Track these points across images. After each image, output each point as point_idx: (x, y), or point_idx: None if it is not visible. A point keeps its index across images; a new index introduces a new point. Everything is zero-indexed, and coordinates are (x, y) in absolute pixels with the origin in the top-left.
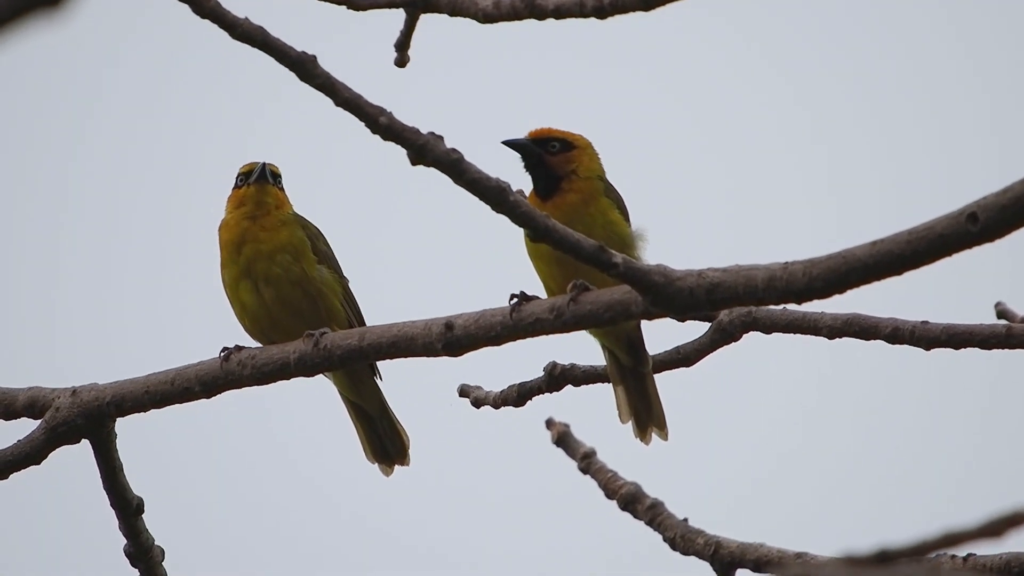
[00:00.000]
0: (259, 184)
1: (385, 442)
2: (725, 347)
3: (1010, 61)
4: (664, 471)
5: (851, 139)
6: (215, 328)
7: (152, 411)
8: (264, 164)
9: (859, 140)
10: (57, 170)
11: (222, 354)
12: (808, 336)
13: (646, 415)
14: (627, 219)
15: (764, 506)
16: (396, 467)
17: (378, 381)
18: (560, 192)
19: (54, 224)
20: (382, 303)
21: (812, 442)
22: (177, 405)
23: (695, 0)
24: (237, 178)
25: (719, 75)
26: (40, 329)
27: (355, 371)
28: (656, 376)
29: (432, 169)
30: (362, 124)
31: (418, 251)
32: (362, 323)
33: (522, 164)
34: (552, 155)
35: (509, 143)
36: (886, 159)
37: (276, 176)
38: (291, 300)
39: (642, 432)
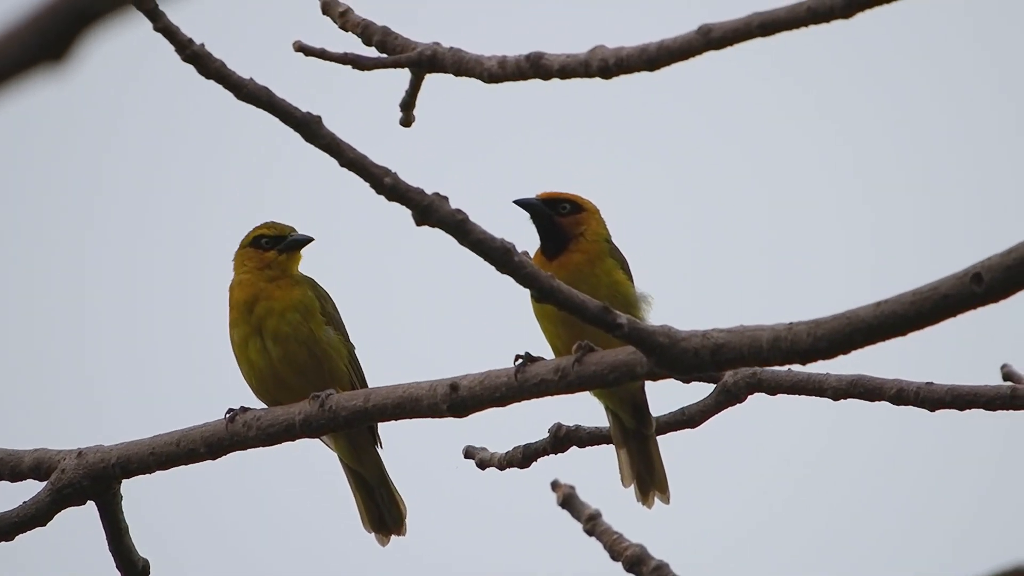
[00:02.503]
0: (290, 253)
1: (383, 511)
2: (730, 408)
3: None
4: (670, 532)
5: (854, 200)
6: (221, 390)
7: (158, 472)
8: (303, 236)
9: (862, 201)
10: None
11: (227, 416)
12: (813, 397)
13: (649, 478)
14: (631, 280)
15: (768, 568)
16: (392, 537)
17: (379, 449)
18: (567, 252)
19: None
20: (387, 364)
21: (817, 504)
22: (183, 467)
23: (699, 61)
24: (260, 239)
25: (722, 136)
26: (46, 391)
27: (356, 438)
28: (661, 437)
29: (437, 229)
30: (367, 184)
31: (423, 312)
32: (362, 380)
33: (532, 223)
34: (562, 216)
35: (520, 203)
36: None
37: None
38: (297, 359)
39: (644, 496)
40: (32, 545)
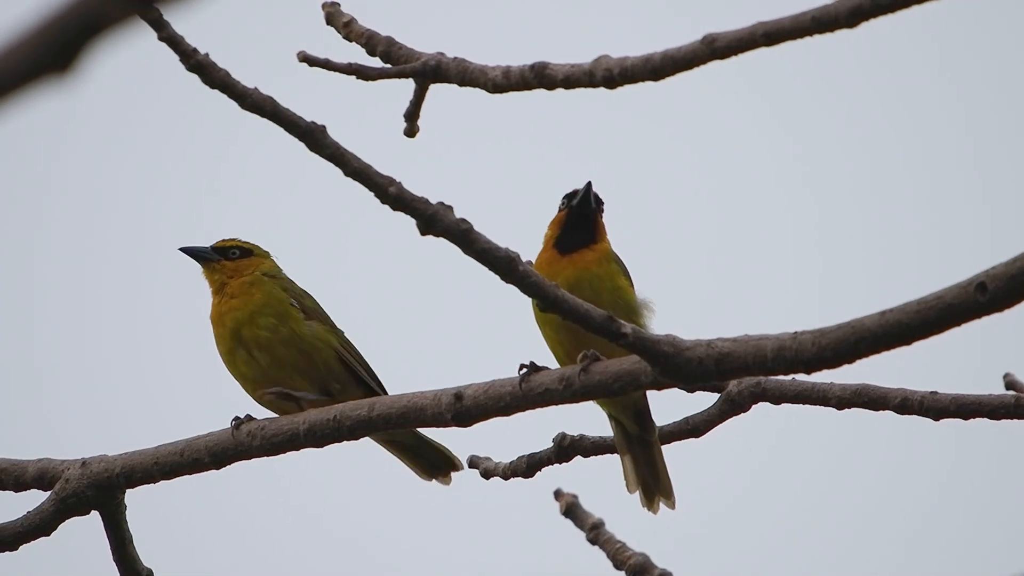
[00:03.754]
0: (203, 265)
1: (430, 459)
2: (734, 418)
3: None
4: (673, 542)
5: (861, 207)
6: (225, 399)
7: (162, 482)
8: (196, 248)
9: (869, 208)
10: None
11: (233, 423)
12: (817, 407)
13: (653, 484)
14: (632, 287)
15: None
16: (452, 475)
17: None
18: (582, 251)
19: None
20: (391, 373)
21: (821, 513)
22: (187, 476)
23: (705, 70)
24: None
25: (728, 145)
26: (50, 400)
27: None
28: (665, 447)
29: (442, 239)
30: (372, 194)
31: (427, 321)
32: (369, 371)
33: (572, 207)
34: (600, 216)
35: (582, 194)
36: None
37: (223, 250)
38: (287, 361)
39: (650, 501)
40: (36, 555)
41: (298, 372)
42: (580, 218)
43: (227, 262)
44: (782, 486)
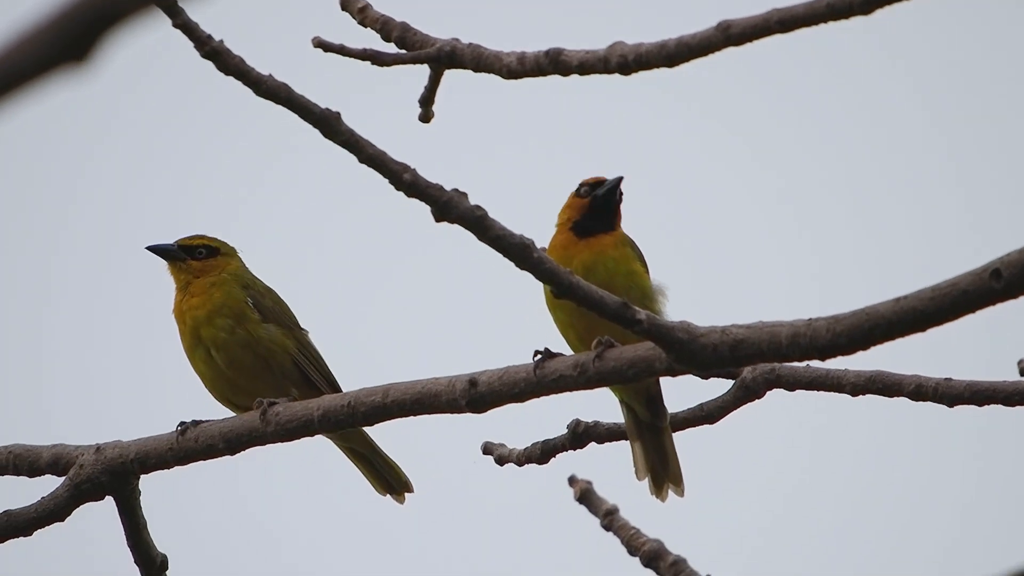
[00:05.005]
0: (169, 263)
1: (385, 475)
2: (748, 404)
3: None
4: (687, 528)
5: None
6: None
7: (176, 468)
8: (161, 246)
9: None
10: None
11: (179, 428)
12: (831, 393)
13: (663, 471)
14: (647, 272)
15: (786, 563)
16: (405, 495)
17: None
18: (598, 236)
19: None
20: (406, 359)
21: (835, 499)
22: (201, 462)
23: (720, 56)
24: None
25: (742, 131)
26: (64, 387)
27: None
28: (679, 433)
29: (456, 226)
30: (386, 180)
31: (442, 307)
32: (327, 376)
33: (597, 196)
34: (619, 203)
35: (612, 185)
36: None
37: (189, 248)
38: (244, 363)
39: (658, 489)
40: (50, 541)
41: (255, 374)
42: (604, 207)
43: (193, 262)
44: (796, 472)
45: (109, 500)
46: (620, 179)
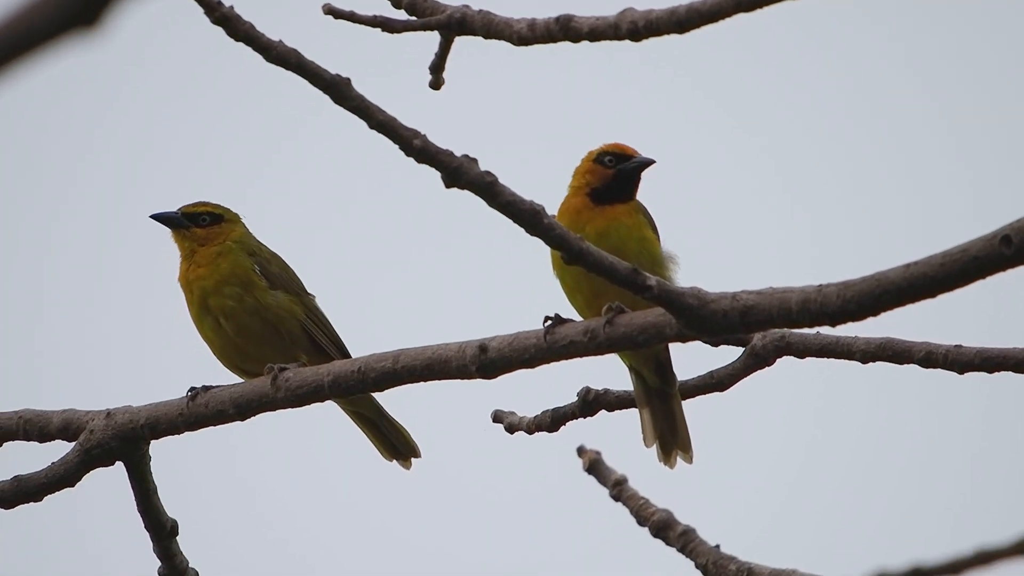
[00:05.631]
0: (173, 231)
1: (393, 441)
2: (759, 372)
3: None
4: (696, 497)
5: (886, 160)
6: None
7: (186, 433)
8: (165, 214)
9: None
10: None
11: (189, 394)
12: (842, 360)
13: (671, 438)
14: (659, 240)
15: (797, 531)
16: (412, 460)
17: None
18: (613, 204)
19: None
20: (416, 325)
21: (845, 466)
22: (212, 427)
23: (730, 22)
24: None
25: (754, 97)
26: (74, 351)
27: None
28: (689, 401)
29: (466, 192)
30: (396, 147)
31: (452, 273)
32: (335, 340)
33: (621, 170)
34: (639, 180)
35: (641, 163)
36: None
37: (193, 216)
38: (253, 330)
39: (667, 456)
40: (61, 506)
41: (264, 341)
42: (627, 181)
43: (198, 229)
44: (807, 439)
45: (119, 466)
46: (651, 162)
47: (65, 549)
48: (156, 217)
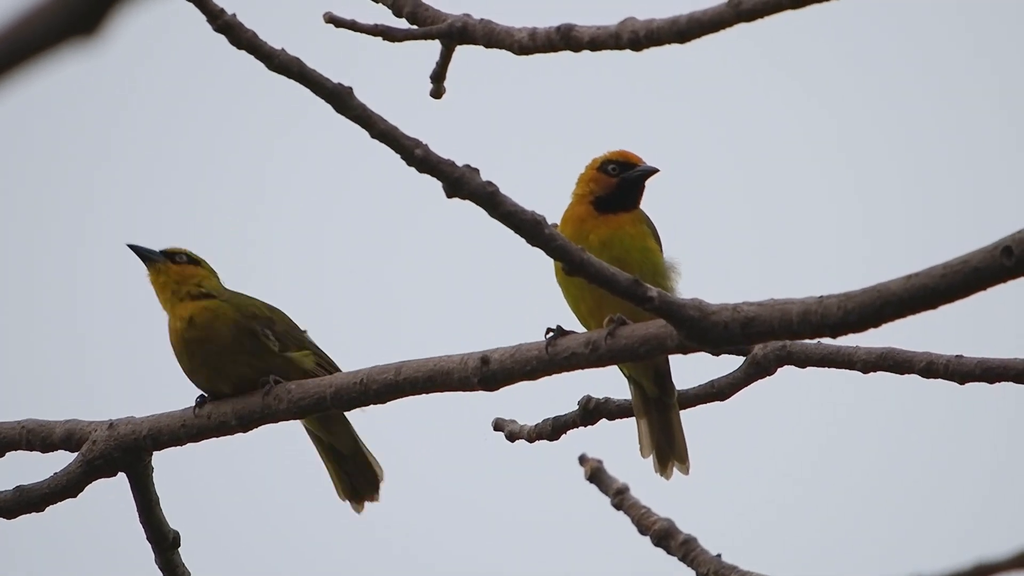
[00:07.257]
0: (147, 265)
1: (355, 480)
2: (760, 381)
3: None
4: (698, 506)
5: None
6: None
7: (189, 444)
8: (143, 248)
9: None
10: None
11: (264, 387)
12: (842, 370)
13: (668, 448)
14: (661, 250)
15: (797, 541)
16: (366, 504)
17: (348, 415)
18: (617, 213)
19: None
20: (417, 337)
21: (846, 475)
22: (214, 439)
23: (731, 32)
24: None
25: (754, 108)
26: (77, 363)
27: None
28: (690, 410)
29: (467, 202)
30: (398, 156)
31: (453, 285)
32: (332, 365)
33: (626, 179)
34: (643, 188)
35: (645, 172)
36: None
37: (170, 253)
38: (255, 381)
39: (663, 467)
40: (63, 516)
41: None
42: (631, 190)
43: (172, 265)
44: (807, 449)
45: (122, 476)
46: (656, 171)
47: (67, 560)
48: (134, 248)
